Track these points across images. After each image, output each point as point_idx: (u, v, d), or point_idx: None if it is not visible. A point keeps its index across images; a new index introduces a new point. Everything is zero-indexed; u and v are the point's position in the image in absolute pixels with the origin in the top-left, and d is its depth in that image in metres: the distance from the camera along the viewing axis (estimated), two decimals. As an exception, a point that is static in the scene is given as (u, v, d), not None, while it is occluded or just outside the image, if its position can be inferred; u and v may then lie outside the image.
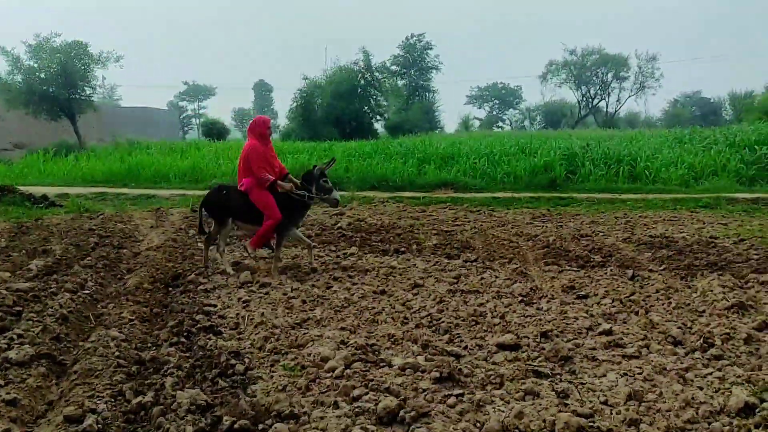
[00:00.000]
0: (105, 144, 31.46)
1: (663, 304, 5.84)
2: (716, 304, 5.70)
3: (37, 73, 31.65)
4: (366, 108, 42.55)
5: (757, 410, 3.50)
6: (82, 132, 33.53)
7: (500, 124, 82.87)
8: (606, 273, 7.14)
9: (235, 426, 3.40)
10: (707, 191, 15.05)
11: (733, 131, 21.40)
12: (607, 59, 61.32)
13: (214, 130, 38.76)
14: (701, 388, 3.89)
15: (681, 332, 4.96)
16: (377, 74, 43.25)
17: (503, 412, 3.61)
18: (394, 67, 57.46)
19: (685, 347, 4.70)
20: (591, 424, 3.39)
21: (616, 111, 65.12)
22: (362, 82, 41.69)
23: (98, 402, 3.66)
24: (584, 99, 64.44)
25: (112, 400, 3.74)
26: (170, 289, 6.69)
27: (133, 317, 5.45)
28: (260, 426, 3.46)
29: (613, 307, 5.77)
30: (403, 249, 8.65)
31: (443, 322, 5.38)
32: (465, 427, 3.36)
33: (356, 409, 3.65)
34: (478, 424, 3.39)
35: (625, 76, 62.40)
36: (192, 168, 19.81)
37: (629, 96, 63.52)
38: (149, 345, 4.89)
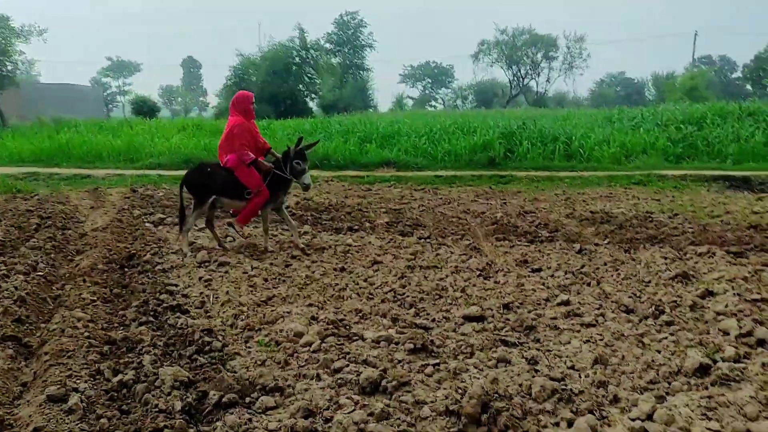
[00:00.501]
0: (27, 122, 29.95)
1: (612, 276, 6.17)
2: (660, 275, 6.06)
3: (-46, 47, 29.89)
4: (301, 86, 42.12)
5: (711, 370, 3.79)
6: (2, 109, 31.86)
7: (433, 103, 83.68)
8: (555, 247, 7.45)
9: (224, 400, 3.45)
10: (638, 168, 15.75)
11: (659, 111, 22.37)
12: (536, 39, 62.76)
13: (145, 108, 37.33)
14: (659, 351, 4.18)
15: (632, 301, 5.27)
16: (312, 52, 42.81)
17: (478, 379, 3.78)
18: (327, 45, 56.96)
19: (637, 315, 5.00)
20: (564, 387, 3.61)
21: (545, 90, 66.91)
22: (297, 59, 41.21)
23: (78, 381, 3.62)
24: (515, 78, 65.83)
25: (91, 379, 3.71)
26: (126, 269, 6.56)
27: (95, 298, 5.34)
28: (247, 399, 3.52)
29: (567, 279, 6.06)
30: (356, 227, 8.74)
31: (407, 296, 5.52)
32: (447, 394, 3.51)
33: (339, 381, 3.76)
34: (460, 390, 3.55)
35: (554, 56, 64.12)
36: (127, 147, 19.16)
37: (558, 76, 65.40)
38: (116, 325, 4.82)
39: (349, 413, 3.30)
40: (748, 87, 65.46)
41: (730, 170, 15.51)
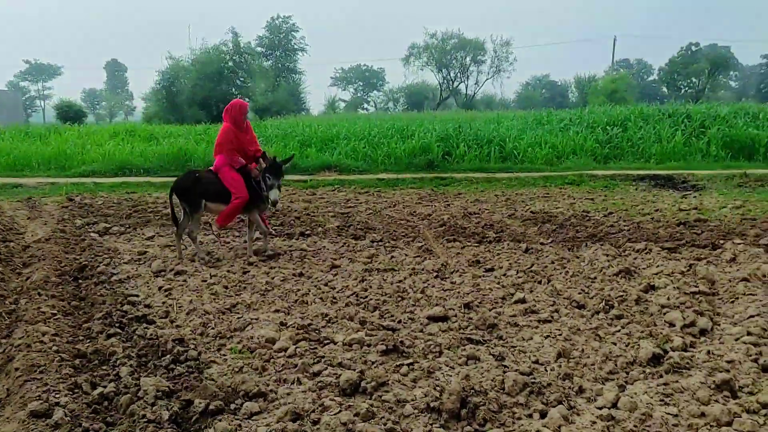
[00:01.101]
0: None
1: (561, 273, 6.50)
2: (605, 271, 6.43)
3: None
4: (233, 90, 41.57)
5: (663, 359, 4.13)
6: None
7: (365, 105, 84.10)
8: (503, 247, 7.76)
9: (210, 407, 3.51)
10: (570, 169, 16.43)
11: (586, 113, 23.29)
12: (465, 43, 64.16)
13: (71, 113, 36.00)
14: (614, 344, 4.50)
15: (582, 297, 5.59)
16: (246, 56, 42.35)
17: (452, 376, 3.98)
18: (259, 49, 56.50)
19: (589, 310, 5.32)
20: (533, 380, 3.85)
21: (474, 93, 68.39)
22: (230, 63, 40.67)
23: (57, 396, 3.60)
24: (445, 81, 67.03)
25: (70, 393, 3.69)
26: (80, 281, 6.44)
27: (54, 311, 5.25)
28: (232, 406, 3.60)
29: (519, 278, 6.36)
30: (307, 232, 8.82)
31: (370, 299, 5.68)
32: (426, 391, 3.69)
33: (319, 384, 3.88)
34: (438, 388, 3.73)
35: (482, 59, 65.69)
36: (57, 154, 18.52)
37: (486, 79, 67.07)
38: (82, 338, 4.77)
39: (335, 414, 3.43)
40: (664, 89, 68.97)
41: (655, 169, 16.42)
